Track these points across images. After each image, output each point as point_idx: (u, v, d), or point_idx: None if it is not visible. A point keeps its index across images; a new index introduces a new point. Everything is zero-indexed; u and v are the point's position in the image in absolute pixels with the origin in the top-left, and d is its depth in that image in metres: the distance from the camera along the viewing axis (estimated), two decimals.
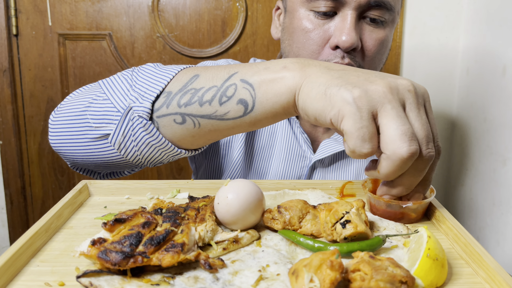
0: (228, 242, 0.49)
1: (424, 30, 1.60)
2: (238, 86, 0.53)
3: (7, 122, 1.68)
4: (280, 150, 0.90)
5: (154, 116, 0.56)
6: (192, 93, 0.55)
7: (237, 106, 0.54)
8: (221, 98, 0.54)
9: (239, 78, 0.53)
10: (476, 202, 1.48)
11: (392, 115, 0.45)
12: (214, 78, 0.55)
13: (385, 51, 0.82)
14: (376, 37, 0.77)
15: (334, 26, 0.75)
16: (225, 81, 0.53)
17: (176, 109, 0.55)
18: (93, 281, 0.41)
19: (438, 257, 0.43)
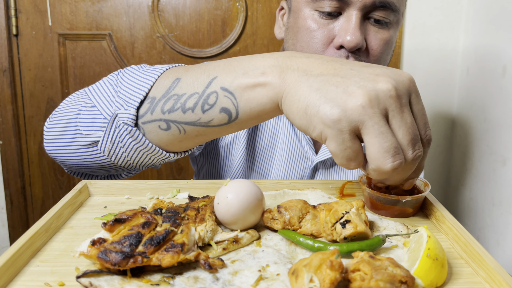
0: (228, 242, 0.49)
1: (424, 30, 1.60)
2: (219, 95, 0.52)
3: (7, 122, 1.68)
4: (282, 151, 0.90)
5: (139, 122, 0.57)
6: (175, 100, 0.54)
7: (220, 115, 0.53)
8: (203, 105, 0.53)
9: (219, 86, 0.52)
10: (476, 202, 1.48)
11: (374, 132, 0.44)
12: (195, 83, 0.54)
13: (390, 52, 0.83)
14: (381, 37, 0.78)
15: (338, 26, 0.75)
16: (206, 87, 0.52)
17: (160, 116, 0.55)
18: (93, 281, 0.41)
19: (438, 257, 0.43)
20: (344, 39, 0.73)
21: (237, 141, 0.90)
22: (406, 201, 0.59)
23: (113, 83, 0.60)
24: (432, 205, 0.60)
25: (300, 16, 0.78)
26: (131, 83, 0.57)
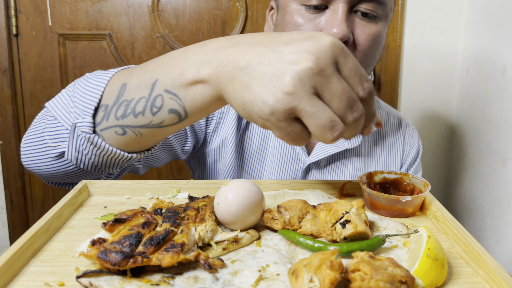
0: (228, 242, 0.49)
1: (424, 30, 1.60)
2: (165, 97, 0.53)
3: (7, 122, 1.68)
4: (273, 153, 0.90)
5: (97, 130, 0.59)
6: (126, 105, 0.56)
7: (170, 115, 0.55)
8: (152, 109, 0.54)
9: (162, 88, 0.53)
10: (476, 202, 1.48)
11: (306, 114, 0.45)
12: (140, 87, 0.55)
13: (378, 47, 0.81)
14: (368, 31, 0.76)
15: (325, 20, 0.75)
16: (151, 90, 0.54)
17: (115, 122, 0.57)
18: (93, 281, 0.41)
19: (438, 257, 0.43)
20: (330, 32, 0.72)
21: (225, 145, 0.89)
22: (406, 201, 0.59)
23: (70, 93, 0.62)
24: (432, 205, 0.60)
25: (287, 12, 0.78)
26: (84, 92, 0.59)
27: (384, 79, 1.64)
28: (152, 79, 0.54)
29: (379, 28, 0.78)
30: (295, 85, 0.44)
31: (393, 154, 0.96)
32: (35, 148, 0.64)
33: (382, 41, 0.82)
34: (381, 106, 1.01)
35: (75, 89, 0.61)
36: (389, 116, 1.00)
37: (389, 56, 1.62)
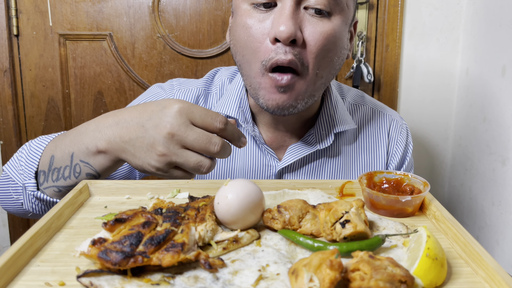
0: (228, 241, 0.49)
1: (424, 30, 1.60)
2: (81, 165, 0.70)
3: (8, 122, 1.68)
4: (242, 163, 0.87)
5: (41, 188, 0.73)
6: (57, 172, 0.72)
7: (88, 176, 0.71)
8: (74, 174, 0.70)
9: (78, 159, 0.69)
10: (475, 201, 1.48)
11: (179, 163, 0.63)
12: (63, 158, 0.71)
13: (334, 48, 0.74)
14: (320, 30, 0.71)
15: (273, 17, 0.71)
16: (71, 161, 0.70)
17: (52, 183, 0.72)
18: (93, 281, 0.41)
19: (438, 256, 0.43)
20: (276, 30, 0.68)
21: None
22: (406, 201, 0.59)
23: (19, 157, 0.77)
24: (432, 205, 0.60)
25: (239, 14, 0.75)
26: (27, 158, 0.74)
27: (383, 79, 1.64)
28: (70, 152, 0.70)
29: (333, 26, 0.72)
30: (163, 148, 0.61)
31: (376, 153, 0.92)
32: (5, 196, 0.79)
33: (340, 42, 0.75)
34: (366, 102, 0.96)
35: (21, 155, 0.76)
36: (374, 112, 0.95)
37: (389, 56, 1.62)
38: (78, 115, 1.71)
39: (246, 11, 0.74)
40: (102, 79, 1.68)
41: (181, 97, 0.90)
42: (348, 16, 0.76)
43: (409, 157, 0.96)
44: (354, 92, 0.99)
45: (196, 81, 0.94)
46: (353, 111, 0.94)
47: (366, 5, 1.59)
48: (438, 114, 1.68)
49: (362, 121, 0.94)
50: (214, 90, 0.92)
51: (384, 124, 0.94)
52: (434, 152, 1.72)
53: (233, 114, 0.85)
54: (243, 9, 0.74)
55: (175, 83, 0.94)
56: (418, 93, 1.67)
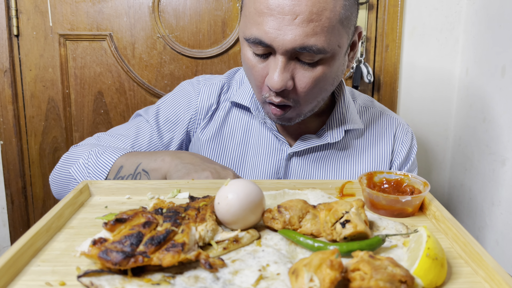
0: (228, 241, 0.49)
1: (423, 30, 1.60)
2: (142, 174, 0.82)
3: (8, 122, 1.68)
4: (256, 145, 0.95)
5: None
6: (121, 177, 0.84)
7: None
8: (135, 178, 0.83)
9: (141, 168, 0.82)
10: (475, 202, 1.48)
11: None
12: (131, 167, 0.83)
13: (324, 85, 0.81)
14: (309, 76, 0.77)
15: (268, 66, 0.78)
16: (136, 169, 0.83)
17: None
18: (94, 280, 0.41)
19: (438, 256, 0.43)
20: (269, 82, 0.76)
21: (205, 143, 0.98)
22: (406, 201, 0.59)
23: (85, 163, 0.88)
24: (432, 205, 0.60)
25: (242, 50, 0.83)
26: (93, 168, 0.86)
27: (383, 79, 1.64)
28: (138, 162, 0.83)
29: (322, 70, 0.78)
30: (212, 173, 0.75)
31: (382, 151, 0.98)
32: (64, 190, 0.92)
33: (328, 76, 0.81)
34: (375, 106, 1.03)
35: (89, 163, 0.87)
36: (382, 114, 1.02)
37: (389, 56, 1.62)
38: (78, 115, 1.71)
39: (248, 51, 0.81)
40: (102, 79, 1.68)
41: (208, 89, 1.00)
42: (342, 48, 0.79)
43: (413, 158, 1.01)
44: (364, 97, 1.07)
45: (219, 76, 1.04)
46: (362, 112, 1.01)
47: (366, 5, 1.59)
48: (438, 114, 1.68)
49: (370, 121, 1.01)
50: (235, 84, 1.02)
51: (391, 125, 1.01)
52: (434, 152, 1.72)
53: (246, 103, 0.94)
54: (245, 47, 0.81)
55: (201, 79, 1.03)
56: (418, 93, 1.67)
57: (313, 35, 0.73)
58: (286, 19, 0.72)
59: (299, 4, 0.71)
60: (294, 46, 0.73)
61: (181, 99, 1.01)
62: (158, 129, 0.98)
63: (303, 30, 0.72)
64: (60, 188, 0.93)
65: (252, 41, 0.76)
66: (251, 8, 0.76)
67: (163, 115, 0.99)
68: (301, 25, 0.72)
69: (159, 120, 0.99)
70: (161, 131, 0.98)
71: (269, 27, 0.73)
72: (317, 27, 0.73)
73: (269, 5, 0.73)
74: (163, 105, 1.01)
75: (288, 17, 0.72)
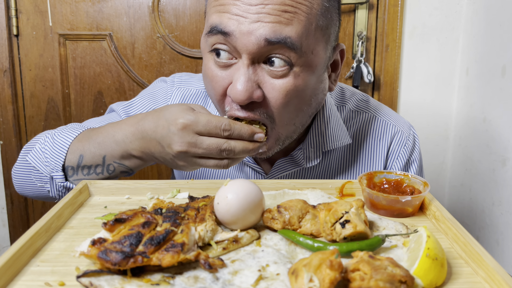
0: (228, 241, 0.49)
1: (424, 30, 1.60)
2: (115, 165, 0.74)
3: (7, 122, 1.68)
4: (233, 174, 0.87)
5: (69, 179, 0.77)
6: (87, 168, 0.75)
7: (121, 174, 0.76)
8: (108, 171, 0.75)
9: (112, 160, 0.73)
10: (475, 202, 1.48)
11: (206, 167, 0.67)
12: (94, 158, 0.74)
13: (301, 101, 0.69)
14: (280, 86, 0.65)
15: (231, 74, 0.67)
16: (103, 161, 0.74)
17: (83, 176, 0.76)
18: (93, 281, 0.41)
19: (438, 256, 0.43)
20: (231, 92, 0.65)
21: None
22: (406, 201, 0.59)
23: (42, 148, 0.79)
24: (432, 205, 0.60)
25: (204, 61, 0.72)
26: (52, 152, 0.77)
27: (383, 79, 1.64)
28: (101, 155, 0.74)
29: (294, 82, 0.66)
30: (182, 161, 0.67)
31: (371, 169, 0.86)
32: (25, 183, 0.82)
33: (307, 92, 0.69)
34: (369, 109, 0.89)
35: (46, 147, 0.78)
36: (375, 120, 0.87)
37: (389, 56, 1.62)
38: (78, 115, 1.71)
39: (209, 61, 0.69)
40: (102, 79, 1.68)
41: (178, 96, 0.90)
42: (318, 58, 0.68)
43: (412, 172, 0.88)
44: (358, 97, 0.91)
45: (198, 81, 0.92)
46: (352, 118, 0.87)
47: (366, 5, 1.59)
48: (438, 114, 1.68)
49: (360, 131, 0.86)
50: None
51: (385, 135, 0.86)
52: (434, 152, 1.72)
53: None
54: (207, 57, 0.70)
55: (177, 80, 0.92)
56: (418, 93, 1.67)
57: (287, 25, 0.62)
58: (253, 8, 0.61)
59: None
60: (264, 36, 0.61)
61: (157, 97, 0.91)
62: None
63: (274, 18, 0.61)
64: (21, 180, 0.82)
65: (211, 30, 0.64)
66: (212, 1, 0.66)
67: (135, 112, 0.90)
68: (273, 13, 0.61)
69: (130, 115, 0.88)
70: None
71: (232, 13, 0.62)
72: (292, 17, 0.62)
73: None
74: (135, 102, 0.91)
75: (256, 7, 0.61)
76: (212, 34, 0.65)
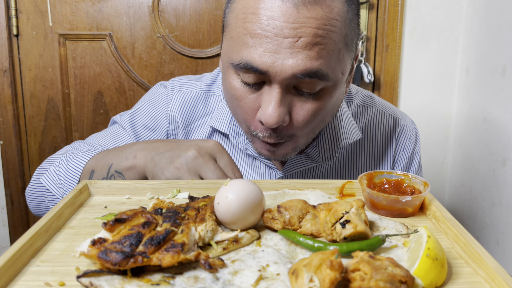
0: (228, 242, 0.49)
1: (424, 30, 1.60)
2: (115, 176, 0.76)
3: (7, 122, 1.68)
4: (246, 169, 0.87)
5: None
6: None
7: None
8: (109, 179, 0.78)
9: (114, 170, 0.76)
10: (475, 202, 1.48)
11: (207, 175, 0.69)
12: (102, 170, 0.77)
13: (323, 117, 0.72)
14: (308, 108, 0.67)
15: (261, 98, 0.67)
16: (108, 172, 0.76)
17: None
18: (93, 281, 0.41)
19: (438, 256, 0.43)
20: (263, 117, 0.66)
21: None
22: (406, 201, 0.59)
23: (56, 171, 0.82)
24: (432, 205, 0.60)
25: (227, 78, 0.71)
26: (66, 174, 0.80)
27: (384, 79, 1.64)
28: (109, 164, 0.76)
29: (323, 102, 0.68)
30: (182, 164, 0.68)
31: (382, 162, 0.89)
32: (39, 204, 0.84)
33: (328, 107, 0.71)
34: (375, 104, 0.92)
35: (60, 169, 0.81)
36: (382, 115, 0.91)
37: (389, 56, 1.62)
38: (78, 115, 1.71)
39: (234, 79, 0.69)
40: (102, 79, 1.68)
41: (179, 99, 0.89)
42: (345, 75, 0.71)
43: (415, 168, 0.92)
44: (363, 93, 0.95)
45: (198, 82, 0.92)
46: (360, 113, 0.90)
47: (366, 5, 1.59)
48: (438, 114, 1.68)
49: (369, 124, 0.90)
50: (217, 92, 0.90)
51: (393, 128, 0.90)
52: (434, 152, 1.72)
53: (224, 130, 0.84)
54: (231, 75, 0.70)
55: (176, 83, 0.92)
56: (418, 93, 1.67)
57: (317, 59, 0.62)
58: (285, 42, 0.61)
59: (302, 26, 0.60)
60: (295, 72, 0.62)
61: (157, 103, 0.91)
62: (136, 136, 0.90)
63: (306, 54, 0.62)
64: (35, 201, 0.85)
65: (242, 66, 0.64)
66: (240, 28, 0.64)
67: (140, 121, 0.90)
68: (305, 48, 0.61)
69: (135, 127, 0.90)
70: (140, 138, 0.90)
71: (264, 50, 0.62)
72: (322, 51, 0.62)
73: (263, 27, 0.61)
74: (138, 111, 0.92)
75: (288, 40, 0.61)
76: (243, 70, 0.65)
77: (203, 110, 0.89)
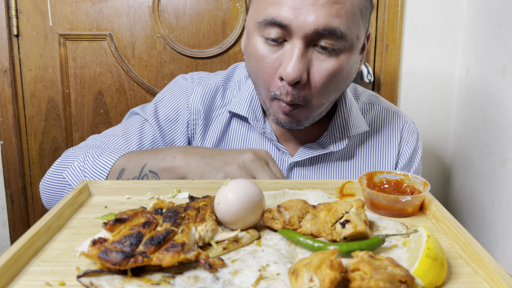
0: (228, 241, 0.49)
1: (424, 30, 1.60)
2: (149, 175, 0.77)
3: (8, 122, 1.68)
4: None
5: None
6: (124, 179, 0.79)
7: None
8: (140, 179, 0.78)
9: (148, 169, 0.77)
10: (475, 202, 1.48)
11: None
12: (134, 169, 0.78)
13: (340, 80, 0.77)
14: (326, 67, 0.73)
15: (283, 55, 0.73)
16: (141, 172, 0.77)
17: None
18: (93, 280, 0.41)
19: (438, 256, 0.43)
20: (283, 72, 0.71)
21: None
22: (406, 201, 0.59)
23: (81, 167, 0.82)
24: (432, 205, 0.60)
25: (251, 41, 0.77)
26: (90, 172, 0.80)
27: (383, 79, 1.64)
28: (143, 163, 0.77)
29: (340, 62, 0.74)
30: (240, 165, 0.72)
31: (388, 153, 0.94)
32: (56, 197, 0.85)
33: (346, 72, 0.77)
34: (380, 102, 0.98)
35: (86, 167, 0.81)
36: (388, 112, 0.97)
37: (389, 56, 1.62)
38: (78, 115, 1.71)
39: (258, 41, 0.75)
40: (102, 79, 1.68)
41: (200, 90, 0.94)
42: (359, 42, 0.76)
43: (417, 163, 0.97)
44: (369, 92, 1.01)
45: (216, 76, 0.98)
46: (366, 110, 0.96)
47: None
48: (438, 114, 1.68)
49: (375, 120, 0.95)
50: (233, 85, 0.96)
51: (397, 124, 0.96)
52: (434, 152, 1.72)
53: (243, 113, 0.89)
54: (255, 38, 0.76)
55: (196, 76, 0.98)
56: (418, 93, 1.67)
57: (337, 17, 0.69)
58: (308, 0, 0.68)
59: None
60: (317, 27, 0.68)
61: (179, 95, 0.95)
62: (160, 128, 0.92)
63: (327, 11, 0.68)
64: (52, 195, 0.86)
65: (268, 22, 0.70)
66: None
67: (163, 113, 0.94)
68: (325, 6, 0.68)
69: (159, 118, 0.93)
70: (163, 130, 0.93)
71: (288, 6, 0.68)
72: (341, 10, 0.69)
73: None
74: (161, 102, 0.95)
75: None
76: (268, 26, 0.71)
77: (221, 101, 0.94)
